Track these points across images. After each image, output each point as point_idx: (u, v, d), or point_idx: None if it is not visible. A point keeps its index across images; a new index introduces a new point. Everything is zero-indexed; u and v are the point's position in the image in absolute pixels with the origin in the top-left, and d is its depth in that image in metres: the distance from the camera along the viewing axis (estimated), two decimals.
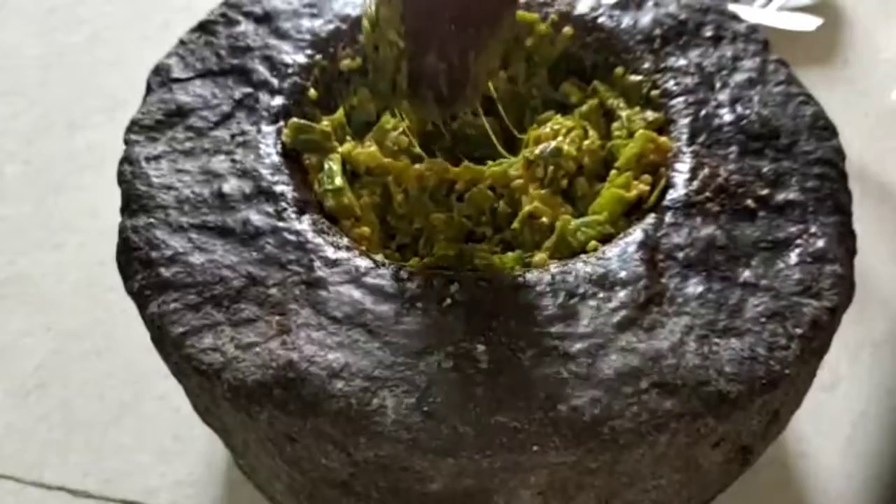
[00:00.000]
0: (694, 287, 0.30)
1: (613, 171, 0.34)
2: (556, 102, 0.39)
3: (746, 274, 0.30)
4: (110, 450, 0.41)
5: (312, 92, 0.37)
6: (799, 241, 0.31)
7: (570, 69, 0.40)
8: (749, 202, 0.32)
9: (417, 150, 0.36)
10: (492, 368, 0.28)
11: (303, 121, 0.35)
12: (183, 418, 0.41)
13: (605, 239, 0.32)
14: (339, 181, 0.34)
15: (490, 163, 0.36)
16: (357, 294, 0.29)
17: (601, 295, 0.30)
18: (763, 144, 0.34)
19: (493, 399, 0.27)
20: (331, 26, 0.38)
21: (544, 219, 0.33)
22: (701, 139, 0.34)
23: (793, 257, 0.31)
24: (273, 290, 0.30)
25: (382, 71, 0.32)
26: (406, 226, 0.35)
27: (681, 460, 0.28)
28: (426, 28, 0.30)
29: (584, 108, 0.37)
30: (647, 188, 0.33)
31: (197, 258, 0.31)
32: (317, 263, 0.30)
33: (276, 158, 0.34)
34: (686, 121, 0.35)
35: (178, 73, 0.37)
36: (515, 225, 0.34)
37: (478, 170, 0.35)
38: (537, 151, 0.35)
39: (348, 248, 0.31)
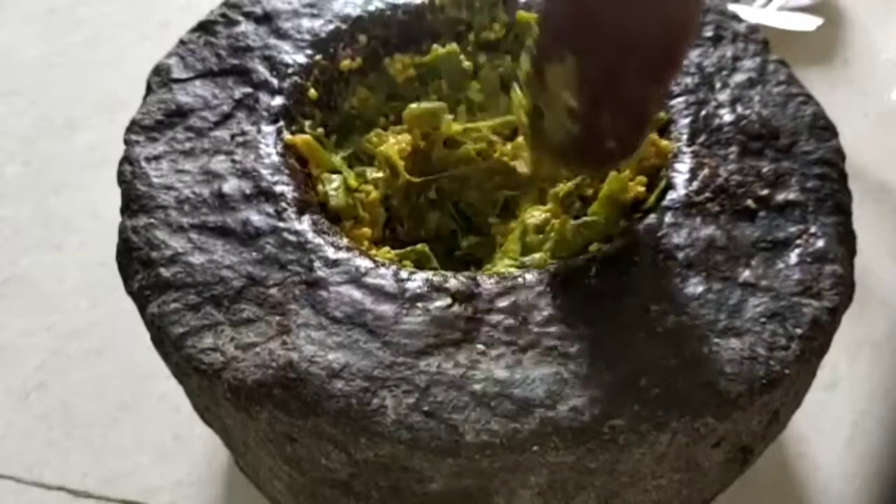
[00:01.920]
0: (694, 287, 0.30)
1: (612, 173, 0.34)
2: None
3: (746, 274, 0.30)
4: (110, 450, 0.41)
5: (312, 92, 0.37)
6: (799, 242, 0.31)
7: None
8: (749, 202, 0.32)
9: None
10: (492, 368, 0.28)
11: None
12: (183, 418, 0.41)
13: (606, 239, 0.32)
14: (341, 180, 0.34)
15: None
16: (357, 294, 0.29)
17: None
18: (763, 144, 0.34)
19: (493, 399, 0.27)
20: (331, 26, 0.38)
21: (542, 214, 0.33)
22: (701, 139, 0.34)
23: (793, 257, 0.31)
24: (273, 291, 0.30)
25: (545, 134, 0.30)
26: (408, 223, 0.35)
27: (681, 460, 0.28)
28: (608, 85, 0.28)
29: None
30: (643, 189, 0.33)
31: (197, 258, 0.31)
32: (317, 263, 0.30)
33: (276, 158, 0.34)
34: (686, 121, 0.35)
35: (178, 73, 0.37)
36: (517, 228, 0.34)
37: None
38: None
39: (348, 249, 0.31)
